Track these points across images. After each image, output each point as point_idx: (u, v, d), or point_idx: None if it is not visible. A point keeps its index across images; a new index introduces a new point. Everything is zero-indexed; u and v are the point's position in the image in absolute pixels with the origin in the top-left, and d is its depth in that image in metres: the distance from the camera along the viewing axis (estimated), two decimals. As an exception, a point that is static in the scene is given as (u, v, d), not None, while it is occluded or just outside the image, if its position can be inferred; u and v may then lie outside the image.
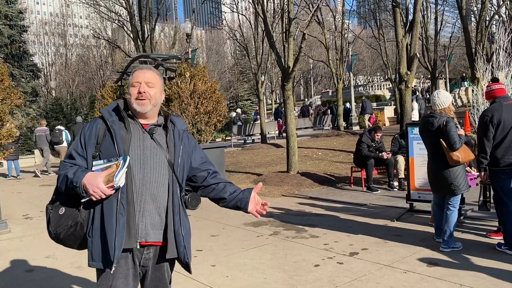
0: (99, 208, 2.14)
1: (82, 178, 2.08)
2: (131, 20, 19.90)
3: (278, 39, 20.15)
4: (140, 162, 2.18)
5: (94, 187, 2.05)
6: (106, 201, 2.11)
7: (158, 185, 2.20)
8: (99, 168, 2.13)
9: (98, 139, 2.19)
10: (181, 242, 2.22)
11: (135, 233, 2.15)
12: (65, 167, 2.18)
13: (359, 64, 49.28)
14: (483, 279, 3.93)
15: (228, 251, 5.19)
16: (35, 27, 48.78)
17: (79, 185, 2.07)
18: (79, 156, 2.21)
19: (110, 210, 2.11)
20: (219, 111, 9.40)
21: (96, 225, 2.14)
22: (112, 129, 2.18)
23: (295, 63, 10.41)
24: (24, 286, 4.37)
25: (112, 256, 2.07)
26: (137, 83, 2.24)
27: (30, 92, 24.37)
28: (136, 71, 2.32)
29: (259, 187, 2.44)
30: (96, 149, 2.19)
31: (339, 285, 3.99)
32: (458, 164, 4.68)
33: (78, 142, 2.23)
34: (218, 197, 2.42)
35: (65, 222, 2.15)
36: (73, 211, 2.16)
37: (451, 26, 37.77)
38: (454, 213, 4.79)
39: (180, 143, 2.31)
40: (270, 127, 21.92)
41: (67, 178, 2.12)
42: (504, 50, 10.20)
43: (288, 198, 8.40)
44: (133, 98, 2.23)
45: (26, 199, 9.78)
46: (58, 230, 2.17)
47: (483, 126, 4.74)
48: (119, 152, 2.14)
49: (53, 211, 2.20)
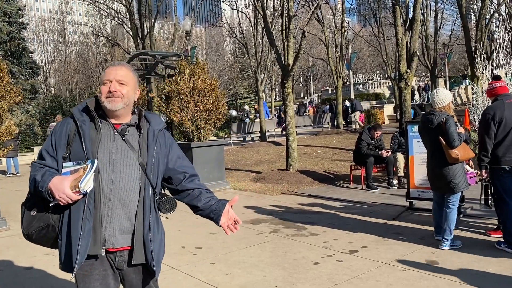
0: (67, 212, 2.06)
1: (48, 183, 2.00)
2: (130, 18, 19.88)
3: (277, 37, 20.13)
4: (109, 166, 2.08)
5: (60, 192, 1.98)
6: (73, 206, 2.04)
7: (128, 189, 2.09)
8: (68, 171, 2.05)
9: (68, 140, 2.10)
10: (149, 247, 2.11)
11: (101, 239, 2.06)
12: (35, 168, 2.11)
13: (359, 62, 49.27)
14: (483, 277, 3.93)
15: (227, 248, 5.19)
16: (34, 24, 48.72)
17: (45, 189, 2.01)
18: (49, 156, 2.12)
19: (77, 215, 2.03)
20: (218, 109, 9.38)
21: (64, 229, 2.08)
22: (82, 129, 2.08)
23: (294, 61, 10.39)
24: (24, 283, 4.37)
25: (74, 262, 2.01)
26: (108, 81, 2.11)
27: (29, 90, 24.33)
28: (108, 68, 2.20)
29: (234, 200, 2.35)
30: (67, 150, 2.10)
31: (338, 283, 3.99)
32: (457, 162, 4.68)
33: (49, 142, 2.15)
34: (192, 204, 2.31)
35: (36, 224, 2.11)
36: (44, 213, 2.10)
37: (451, 24, 37.75)
38: (454, 211, 4.79)
39: (154, 143, 2.18)
40: (269, 125, 21.90)
41: (35, 180, 2.06)
42: (504, 49, 10.18)
43: (288, 196, 8.40)
44: (104, 97, 2.10)
45: (25, 197, 9.76)
46: (30, 231, 2.12)
47: (485, 124, 4.73)
48: (87, 155, 2.05)
49: (26, 212, 2.14)
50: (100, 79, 2.19)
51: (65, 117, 2.23)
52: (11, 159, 13.84)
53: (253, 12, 22.53)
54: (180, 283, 4.13)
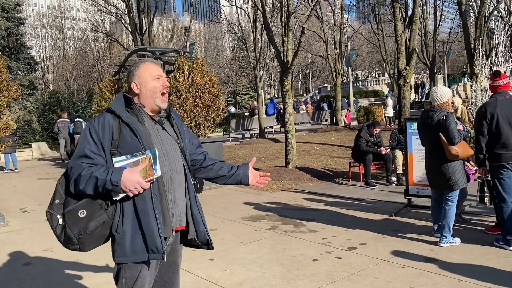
0: (130, 203, 2.13)
1: (120, 177, 2.02)
2: (129, 13, 19.80)
3: (277, 34, 20.06)
4: (163, 153, 2.22)
5: (134, 183, 2.03)
6: (139, 196, 2.11)
7: (180, 173, 2.29)
8: (125, 164, 2.08)
9: (113, 135, 2.14)
10: (199, 222, 2.32)
11: (170, 222, 2.22)
12: (82, 168, 2.07)
13: (358, 59, 49.25)
14: (481, 274, 3.94)
15: (226, 245, 5.19)
16: (32, 20, 48.48)
17: (116, 183, 2.02)
18: (96, 155, 2.12)
19: (143, 203, 2.11)
20: (217, 105, 9.36)
21: (128, 221, 2.12)
22: (129, 124, 2.16)
23: (294, 58, 10.37)
24: (22, 279, 4.36)
25: (160, 246, 2.12)
26: (159, 76, 2.27)
27: (27, 85, 24.23)
28: (149, 63, 2.31)
29: (253, 161, 2.58)
30: (113, 145, 2.13)
31: (337, 280, 3.99)
32: (457, 159, 4.68)
33: (90, 141, 2.13)
34: (217, 176, 2.51)
35: (93, 224, 2.09)
36: (95, 211, 2.09)
37: (450, 21, 37.71)
38: (452, 208, 4.80)
39: (183, 130, 2.39)
40: (268, 122, 21.89)
41: (97, 179, 2.03)
42: (503, 46, 10.18)
43: (286, 193, 8.40)
44: (159, 93, 2.25)
45: (24, 193, 9.75)
46: (83, 233, 2.08)
47: (478, 121, 4.78)
48: (144, 146, 2.13)
49: (69, 215, 2.08)
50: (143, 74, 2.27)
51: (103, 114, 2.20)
52: (9, 155, 13.81)
53: (252, 9, 22.44)
54: (179, 279, 4.12)
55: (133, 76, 2.28)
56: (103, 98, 13.77)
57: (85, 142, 2.13)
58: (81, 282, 4.21)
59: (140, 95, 2.26)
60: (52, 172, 13.34)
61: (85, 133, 2.16)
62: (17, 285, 4.22)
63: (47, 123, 22.04)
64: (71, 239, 2.09)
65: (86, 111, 24.04)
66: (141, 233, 2.12)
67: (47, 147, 20.10)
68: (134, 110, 2.22)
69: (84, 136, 2.16)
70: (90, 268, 4.51)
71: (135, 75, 2.28)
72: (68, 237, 2.09)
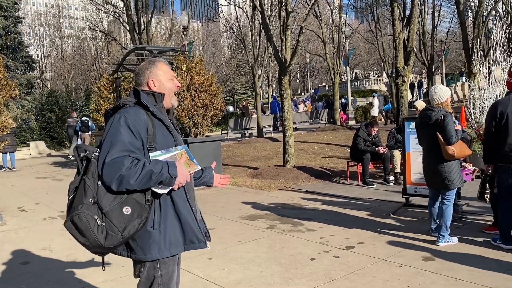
0: (167, 197, 2.16)
1: (177, 170, 2.08)
2: (127, 12, 19.74)
3: (275, 33, 20.06)
4: None
5: (185, 176, 2.13)
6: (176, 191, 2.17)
7: None
8: (164, 159, 2.12)
9: (148, 130, 2.14)
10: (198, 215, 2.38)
11: (196, 214, 2.31)
12: (129, 162, 2.01)
13: (356, 58, 49.24)
14: (478, 273, 3.95)
15: (224, 244, 5.20)
16: (30, 18, 48.34)
17: (177, 176, 2.07)
18: (137, 149, 2.09)
19: (179, 196, 2.19)
20: (215, 104, 9.36)
21: (167, 215, 2.16)
22: (162, 120, 2.21)
23: (292, 57, 10.37)
24: (20, 278, 4.36)
25: (201, 235, 2.23)
26: (174, 76, 2.37)
27: (25, 84, 24.16)
28: (163, 63, 2.37)
29: (214, 165, 2.61)
30: (150, 140, 2.13)
31: (335, 279, 4.00)
32: (453, 158, 4.68)
33: (131, 134, 2.08)
34: None
35: (138, 221, 2.05)
36: (139, 206, 2.06)
37: (448, 21, 37.70)
38: (450, 207, 4.81)
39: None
40: (266, 121, 21.89)
41: (152, 172, 2.01)
42: (501, 46, 10.19)
43: (285, 192, 8.41)
44: (173, 92, 2.35)
45: (21, 191, 9.73)
46: (131, 231, 2.04)
47: (487, 118, 4.76)
48: (176, 142, 2.23)
49: (114, 213, 2.01)
50: (159, 73, 2.32)
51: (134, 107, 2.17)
52: (7, 153, 13.78)
53: (250, 8, 22.42)
54: (177, 278, 4.12)
55: (149, 74, 2.31)
56: (101, 97, 13.76)
57: (125, 136, 2.07)
58: (78, 280, 4.20)
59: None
60: (50, 171, 13.31)
61: (123, 126, 2.09)
62: (14, 284, 4.22)
63: (45, 122, 21.99)
64: (116, 238, 2.02)
65: (84, 110, 23.97)
66: (179, 226, 2.18)
67: (45, 146, 20.05)
68: (159, 106, 2.27)
69: (122, 129, 2.08)
70: (88, 267, 4.50)
71: (152, 73, 2.31)
72: (111, 238, 2.01)
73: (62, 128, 20.87)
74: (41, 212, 7.42)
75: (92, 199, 2.01)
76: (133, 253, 2.17)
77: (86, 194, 2.02)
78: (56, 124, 21.88)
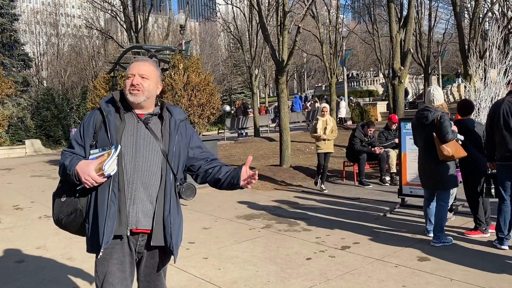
0: (94, 195, 2.21)
1: (75, 166, 2.17)
2: (124, 11, 19.71)
3: (272, 32, 20.06)
4: (132, 151, 2.23)
5: (85, 174, 2.13)
6: (99, 189, 2.18)
7: (150, 173, 2.24)
8: (94, 157, 2.20)
9: (95, 129, 2.27)
10: (168, 230, 2.24)
11: (126, 220, 2.19)
12: (65, 156, 2.28)
13: (353, 59, 49.31)
14: (473, 274, 3.97)
15: (220, 243, 5.19)
16: (26, 16, 48.14)
17: (72, 172, 2.16)
18: (78, 145, 2.29)
19: (102, 197, 2.18)
20: (212, 104, 9.36)
21: (90, 213, 2.22)
22: (107, 119, 2.25)
23: (289, 57, 10.38)
24: (15, 277, 4.34)
25: (101, 240, 2.13)
26: (132, 75, 2.31)
27: (21, 82, 24.07)
28: (133, 63, 2.37)
29: (249, 161, 2.37)
30: (94, 138, 2.26)
31: (330, 278, 4.01)
32: (449, 159, 4.70)
33: (78, 132, 2.32)
34: (214, 179, 2.42)
35: (66, 209, 2.24)
36: (73, 198, 2.24)
37: (444, 22, 37.92)
38: (445, 208, 4.83)
39: (176, 132, 2.33)
40: (263, 121, 21.88)
41: (64, 165, 2.22)
42: (497, 47, 10.24)
43: (281, 192, 8.41)
44: (127, 90, 2.30)
45: (17, 190, 9.69)
46: (60, 216, 2.26)
47: (487, 118, 4.85)
48: (112, 141, 2.20)
49: (56, 199, 2.29)
50: (126, 73, 2.36)
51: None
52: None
53: (248, 7, 22.43)
54: (172, 277, 4.12)
55: None
56: (98, 95, 13.73)
57: (76, 133, 2.33)
58: (73, 279, 4.19)
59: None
60: (46, 170, 13.26)
61: (79, 126, 2.36)
62: (9, 282, 4.20)
63: (40, 120, 21.91)
64: (53, 219, 2.30)
65: (80, 109, 23.91)
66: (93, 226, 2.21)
67: (41, 144, 19.98)
68: (119, 107, 2.30)
69: (77, 128, 2.37)
70: (82, 265, 4.49)
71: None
72: (52, 217, 2.31)
73: (58, 127, 20.79)
74: (36, 211, 7.39)
75: None
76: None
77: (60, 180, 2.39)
78: (52, 122, 21.81)
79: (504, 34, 11.78)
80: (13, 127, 19.79)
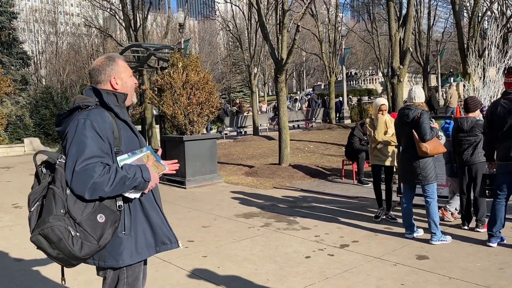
0: (136, 201, 2.10)
1: (145, 174, 2.00)
2: (123, 9, 19.66)
3: (271, 31, 20.05)
4: None
5: (156, 179, 2.10)
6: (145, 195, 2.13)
7: None
8: (132, 162, 2.04)
9: (114, 133, 2.04)
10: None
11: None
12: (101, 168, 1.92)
13: (352, 57, 49.36)
14: (471, 272, 3.98)
15: (219, 242, 5.20)
16: (25, 14, 48.04)
17: (150, 180, 2.03)
18: (106, 154, 1.99)
19: (148, 199, 2.16)
20: (211, 102, 9.34)
21: (138, 219, 2.11)
22: (127, 121, 2.13)
23: (288, 55, 10.38)
24: (14, 275, 4.34)
25: (173, 235, 2.19)
26: (132, 73, 2.28)
27: (20, 80, 24.00)
28: (122, 60, 2.26)
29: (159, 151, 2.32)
30: (116, 143, 2.04)
31: (329, 277, 4.02)
32: (426, 155, 4.83)
33: (98, 139, 1.97)
34: None
35: (111, 229, 1.99)
36: (112, 213, 1.98)
37: (443, 21, 37.90)
38: (433, 203, 4.89)
39: None
40: (262, 120, 21.89)
41: (126, 177, 1.94)
42: (496, 46, 10.25)
43: (280, 190, 8.42)
44: (132, 89, 2.25)
45: (16, 188, 9.68)
46: (107, 239, 1.98)
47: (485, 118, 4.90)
48: (141, 143, 2.16)
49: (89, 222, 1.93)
50: (120, 70, 2.21)
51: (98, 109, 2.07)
52: None
53: (247, 6, 22.41)
54: (171, 276, 4.13)
55: (111, 71, 2.18)
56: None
57: (93, 141, 1.96)
58: (73, 278, 4.19)
59: (119, 91, 2.21)
60: (45, 168, 13.23)
61: (89, 130, 1.97)
62: (8, 281, 4.20)
63: (39, 118, 21.85)
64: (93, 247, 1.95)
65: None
66: (150, 228, 2.14)
67: (40, 143, 19.94)
68: (121, 107, 2.19)
69: (89, 134, 1.96)
70: (82, 264, 4.49)
71: (113, 70, 2.19)
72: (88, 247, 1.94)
73: None
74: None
75: (63, 209, 1.91)
76: (102, 260, 2.08)
77: (56, 204, 1.91)
78: (51, 120, 21.74)
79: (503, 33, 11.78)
80: (11, 126, 19.72)
